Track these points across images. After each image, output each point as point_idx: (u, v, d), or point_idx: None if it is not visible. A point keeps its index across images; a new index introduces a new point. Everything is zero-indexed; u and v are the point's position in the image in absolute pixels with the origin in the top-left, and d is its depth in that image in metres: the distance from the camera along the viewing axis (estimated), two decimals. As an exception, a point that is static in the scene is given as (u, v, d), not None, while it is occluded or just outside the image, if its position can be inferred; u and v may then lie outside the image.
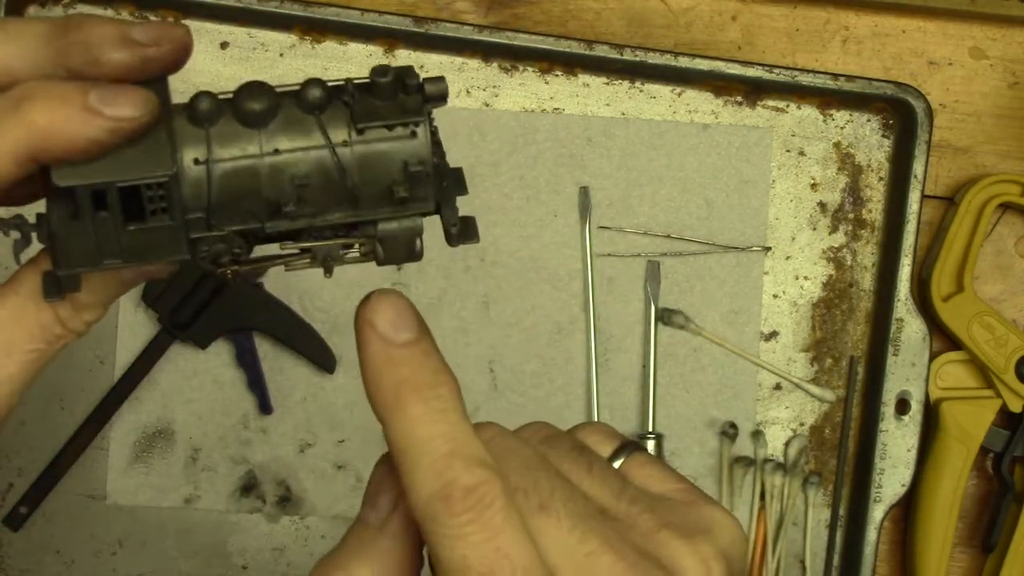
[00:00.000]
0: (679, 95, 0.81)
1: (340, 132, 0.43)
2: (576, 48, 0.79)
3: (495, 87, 0.81)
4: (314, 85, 0.43)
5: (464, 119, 0.80)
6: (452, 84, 0.80)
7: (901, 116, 0.81)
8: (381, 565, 0.41)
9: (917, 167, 0.80)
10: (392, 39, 0.79)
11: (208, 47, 0.79)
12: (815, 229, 0.82)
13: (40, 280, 0.44)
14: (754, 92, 0.81)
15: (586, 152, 0.81)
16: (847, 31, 0.83)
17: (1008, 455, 0.81)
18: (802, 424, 0.82)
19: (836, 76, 0.80)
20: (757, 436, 0.81)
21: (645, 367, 0.81)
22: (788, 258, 0.82)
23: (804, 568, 0.81)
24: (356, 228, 0.44)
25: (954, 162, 0.83)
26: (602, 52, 0.79)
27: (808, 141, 0.82)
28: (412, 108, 0.43)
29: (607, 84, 0.81)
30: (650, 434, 0.80)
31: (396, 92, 0.43)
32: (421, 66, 0.80)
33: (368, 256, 0.45)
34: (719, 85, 0.81)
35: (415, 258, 0.45)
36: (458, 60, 0.80)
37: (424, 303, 0.80)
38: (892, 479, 0.80)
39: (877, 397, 0.80)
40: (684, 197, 0.81)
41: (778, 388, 0.82)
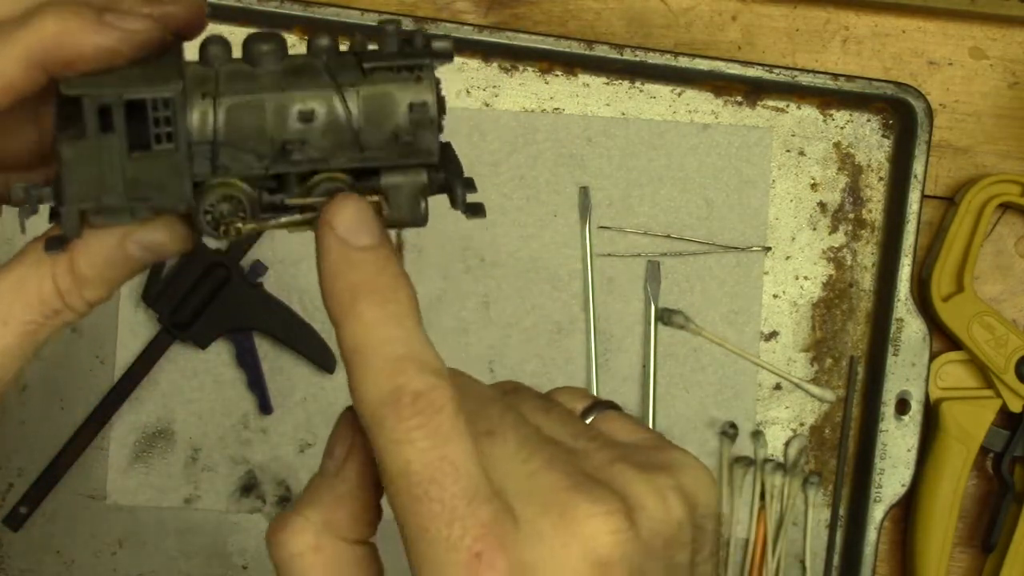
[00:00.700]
0: (679, 95, 0.81)
1: (347, 75, 0.44)
2: (576, 48, 0.79)
3: (495, 87, 0.81)
4: (322, 35, 0.44)
5: (464, 119, 0.80)
6: (452, 84, 0.80)
7: (901, 116, 0.81)
8: (335, 510, 0.41)
9: (917, 167, 0.80)
10: (392, 39, 0.79)
11: (208, 47, 0.79)
12: (815, 229, 0.82)
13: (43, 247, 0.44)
14: (754, 92, 0.81)
15: (586, 152, 0.81)
16: (847, 31, 0.83)
17: (1008, 455, 0.81)
18: (802, 424, 0.82)
19: (836, 76, 0.80)
20: (757, 436, 0.81)
21: (645, 367, 0.81)
22: (788, 258, 0.82)
23: (804, 568, 0.81)
24: (360, 179, 0.44)
25: (954, 162, 0.83)
26: (602, 52, 0.79)
27: (808, 141, 0.82)
28: (418, 55, 0.44)
29: (607, 84, 0.81)
30: (650, 434, 0.80)
31: (403, 47, 0.44)
32: (421, 66, 0.80)
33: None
34: (719, 85, 0.81)
35: (420, 221, 0.45)
36: (458, 60, 0.80)
37: (424, 303, 0.80)
38: (892, 479, 0.80)
39: (877, 397, 0.80)
40: (684, 197, 0.81)
41: (778, 388, 0.82)
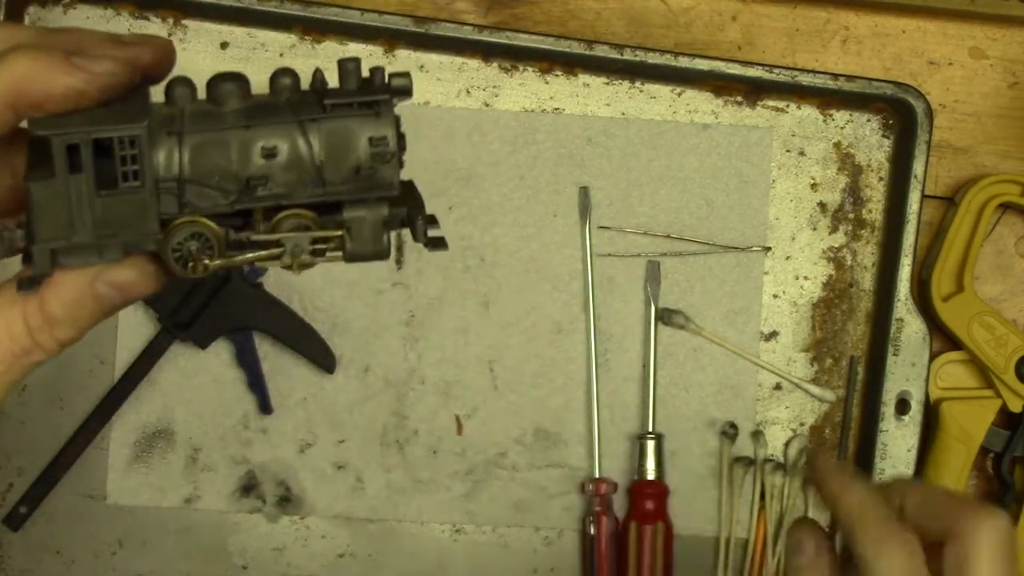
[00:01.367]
0: (679, 95, 0.81)
1: (308, 112, 0.45)
2: (576, 48, 0.79)
3: (495, 87, 0.81)
4: (284, 73, 0.46)
5: (464, 119, 0.80)
6: (452, 84, 0.80)
7: (901, 116, 0.81)
8: None
9: (917, 167, 0.80)
10: (392, 39, 0.79)
11: (208, 47, 0.79)
12: (815, 229, 0.82)
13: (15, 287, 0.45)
14: (754, 92, 0.81)
15: (586, 152, 0.81)
16: (847, 31, 0.83)
17: (1008, 455, 0.81)
18: (802, 424, 0.82)
19: (836, 76, 0.80)
20: (757, 436, 0.81)
21: (645, 367, 0.81)
22: (788, 258, 0.82)
23: (804, 568, 0.81)
24: (324, 214, 0.46)
25: (954, 162, 0.83)
26: (602, 52, 0.79)
27: (808, 141, 0.82)
28: (377, 91, 0.46)
29: (607, 84, 0.81)
30: (650, 434, 0.80)
31: (363, 84, 0.46)
32: (421, 66, 0.80)
33: (337, 251, 0.46)
34: (719, 85, 0.81)
35: (383, 254, 0.46)
36: (458, 60, 0.80)
37: (424, 303, 0.80)
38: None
39: (877, 397, 0.80)
40: (684, 197, 0.81)
41: (778, 388, 0.82)
